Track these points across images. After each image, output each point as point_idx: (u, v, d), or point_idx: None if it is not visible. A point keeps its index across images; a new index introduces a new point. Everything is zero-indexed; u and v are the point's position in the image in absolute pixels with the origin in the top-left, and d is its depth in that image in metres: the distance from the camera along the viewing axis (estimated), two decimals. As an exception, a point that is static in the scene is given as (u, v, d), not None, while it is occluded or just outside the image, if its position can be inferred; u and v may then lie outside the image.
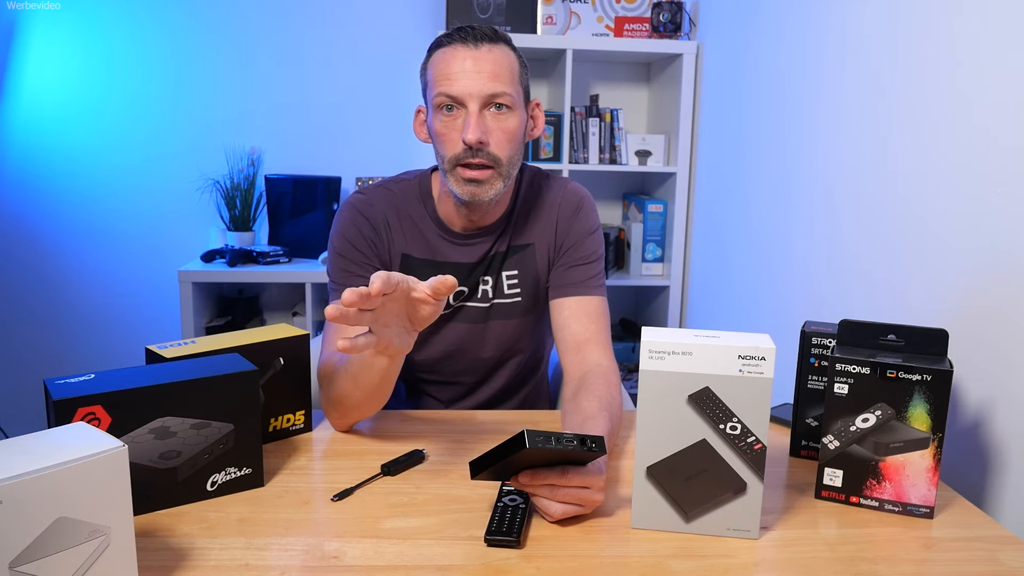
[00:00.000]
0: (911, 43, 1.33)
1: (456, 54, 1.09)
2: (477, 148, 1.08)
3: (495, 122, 1.10)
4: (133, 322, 2.77)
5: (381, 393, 1.04)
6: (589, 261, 1.23)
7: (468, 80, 1.07)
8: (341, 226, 1.21)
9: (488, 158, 1.10)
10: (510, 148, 1.12)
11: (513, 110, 1.11)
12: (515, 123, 1.12)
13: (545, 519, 0.86)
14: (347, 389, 1.03)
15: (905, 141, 1.33)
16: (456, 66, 1.08)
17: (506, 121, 1.11)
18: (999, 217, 1.08)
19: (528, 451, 0.78)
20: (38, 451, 0.62)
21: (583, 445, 0.80)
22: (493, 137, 1.10)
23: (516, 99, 1.12)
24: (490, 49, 1.09)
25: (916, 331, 0.93)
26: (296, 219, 2.66)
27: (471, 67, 1.08)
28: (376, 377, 1.00)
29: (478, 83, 1.07)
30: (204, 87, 2.67)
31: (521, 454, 0.78)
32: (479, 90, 1.08)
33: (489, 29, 1.11)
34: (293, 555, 0.79)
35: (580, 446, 0.80)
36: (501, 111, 1.10)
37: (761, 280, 1.99)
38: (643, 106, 2.92)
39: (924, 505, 0.90)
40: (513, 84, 1.11)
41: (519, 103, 1.13)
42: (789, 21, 1.84)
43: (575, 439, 0.80)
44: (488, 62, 1.08)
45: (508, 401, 1.35)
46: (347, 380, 1.02)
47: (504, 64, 1.10)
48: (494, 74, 1.08)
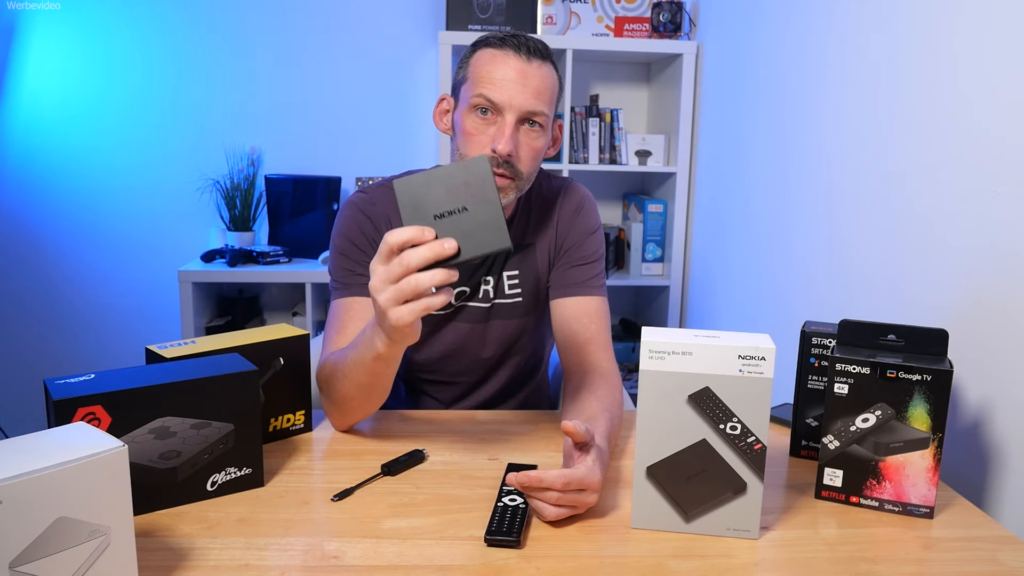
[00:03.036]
0: (911, 42, 1.33)
1: (507, 61, 1.08)
2: (504, 160, 1.08)
3: (526, 138, 1.10)
4: (133, 322, 2.77)
5: (382, 391, 1.04)
6: (590, 261, 1.23)
7: (513, 91, 1.07)
8: (343, 224, 1.21)
9: (511, 171, 1.10)
10: (532, 165, 1.13)
11: (544, 130, 1.12)
12: (543, 143, 1.13)
13: (540, 519, 0.86)
14: (349, 389, 1.03)
15: (905, 141, 1.33)
16: (503, 73, 1.08)
17: (536, 140, 1.11)
18: (999, 217, 1.08)
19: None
20: (38, 451, 0.62)
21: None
22: (521, 152, 1.10)
23: (548, 120, 1.12)
24: (540, 66, 1.09)
25: (916, 331, 0.93)
26: (296, 219, 2.66)
27: (518, 78, 1.07)
28: (377, 376, 0.99)
29: (521, 97, 1.07)
30: (204, 87, 2.67)
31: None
32: (520, 104, 1.07)
33: (542, 44, 1.11)
34: (293, 555, 0.79)
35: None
36: (534, 128, 1.10)
37: (761, 280, 1.99)
38: (643, 106, 2.92)
39: (924, 505, 0.90)
40: (551, 105, 1.12)
41: (549, 124, 1.14)
42: (789, 21, 1.84)
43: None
44: (535, 78, 1.08)
45: (508, 401, 1.35)
46: (348, 381, 1.02)
47: (548, 83, 1.10)
48: (538, 91, 1.08)
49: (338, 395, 1.05)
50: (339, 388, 1.04)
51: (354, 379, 1.01)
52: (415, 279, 0.81)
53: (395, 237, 0.81)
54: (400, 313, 0.82)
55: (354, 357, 0.99)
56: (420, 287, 0.81)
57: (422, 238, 0.81)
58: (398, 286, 0.81)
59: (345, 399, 1.05)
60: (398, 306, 0.82)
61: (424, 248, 0.80)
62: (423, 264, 0.80)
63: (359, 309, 1.16)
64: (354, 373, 1.00)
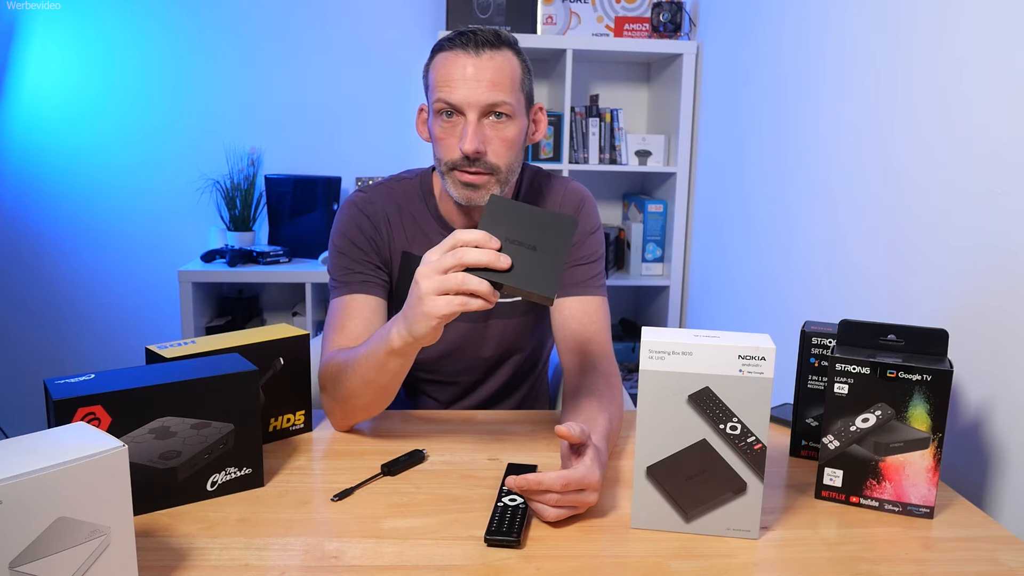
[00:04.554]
0: (911, 42, 1.33)
1: (457, 60, 1.07)
2: (475, 157, 1.08)
3: (494, 131, 1.09)
4: (133, 322, 2.77)
5: (390, 392, 1.04)
6: (590, 261, 1.23)
7: (467, 88, 1.06)
8: (342, 224, 1.21)
9: (485, 167, 1.09)
10: (509, 156, 1.11)
11: (513, 118, 1.10)
12: (514, 131, 1.11)
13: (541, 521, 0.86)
14: (356, 388, 1.03)
15: (905, 141, 1.33)
16: (456, 72, 1.07)
17: (505, 130, 1.10)
18: (999, 217, 1.08)
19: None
20: (38, 451, 0.62)
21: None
22: (491, 146, 1.09)
23: (516, 107, 1.10)
24: (492, 56, 1.07)
25: (916, 331, 0.93)
26: (296, 219, 2.66)
27: (471, 75, 1.06)
28: (388, 375, 0.99)
29: (477, 92, 1.06)
30: (204, 87, 2.67)
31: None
32: (478, 99, 1.06)
33: (492, 34, 1.09)
34: (293, 555, 0.79)
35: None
36: (500, 119, 1.09)
37: (761, 280, 1.99)
38: (643, 106, 2.92)
39: (924, 505, 0.90)
40: (514, 92, 1.09)
41: (519, 110, 1.11)
42: (789, 21, 1.84)
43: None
44: (488, 70, 1.07)
45: (507, 400, 1.35)
46: (357, 379, 1.01)
47: (505, 71, 1.08)
48: (494, 83, 1.07)
49: (344, 391, 1.05)
50: (346, 384, 1.03)
51: (363, 375, 1.00)
52: (463, 276, 0.84)
53: (463, 235, 0.85)
54: (437, 304, 0.85)
55: (367, 351, 0.99)
56: (465, 285, 0.84)
57: (487, 243, 0.84)
58: (445, 277, 0.84)
59: (351, 396, 1.04)
60: (437, 296, 0.85)
61: (481, 251, 0.84)
62: (476, 263, 0.84)
63: (358, 307, 1.16)
64: (364, 368, 1.00)
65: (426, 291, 0.85)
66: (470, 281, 0.83)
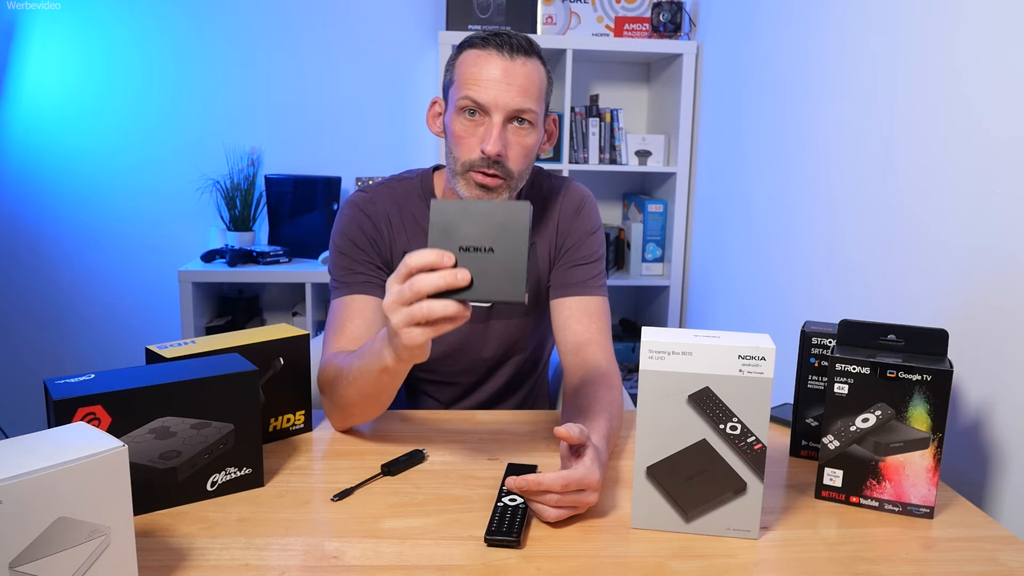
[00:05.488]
0: (911, 42, 1.33)
1: (490, 60, 1.07)
2: (494, 160, 1.08)
3: (515, 137, 1.09)
4: (133, 322, 2.77)
5: (383, 401, 1.04)
6: (590, 261, 1.23)
7: (498, 90, 1.06)
8: (343, 224, 1.21)
9: (502, 171, 1.09)
10: (524, 164, 1.12)
11: (534, 127, 1.11)
12: (534, 140, 1.11)
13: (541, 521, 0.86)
14: (352, 399, 1.03)
15: (905, 141, 1.33)
16: (487, 73, 1.07)
17: (526, 137, 1.10)
18: (999, 217, 1.08)
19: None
20: (38, 451, 0.62)
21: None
22: (511, 151, 1.09)
23: (538, 116, 1.11)
24: (524, 62, 1.08)
25: (916, 331, 0.93)
26: (296, 219, 2.66)
27: (502, 77, 1.06)
28: (383, 388, 0.99)
29: (507, 96, 1.06)
30: (204, 87, 2.67)
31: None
32: (506, 103, 1.06)
33: (525, 40, 1.09)
34: (293, 555, 0.79)
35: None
36: (523, 126, 1.09)
37: (761, 280, 1.99)
38: (643, 106, 2.92)
39: (924, 505, 0.90)
40: (539, 101, 1.10)
41: (540, 120, 1.12)
42: (789, 21, 1.84)
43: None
44: (520, 76, 1.07)
45: (507, 400, 1.35)
46: (352, 391, 1.01)
47: (534, 79, 1.09)
48: (524, 89, 1.07)
49: (341, 400, 1.05)
50: (342, 394, 1.04)
51: (358, 388, 1.00)
52: (427, 305, 0.79)
53: (414, 259, 0.80)
54: (412, 335, 0.82)
55: (360, 367, 0.98)
56: (432, 314, 0.80)
57: (440, 263, 0.79)
58: (410, 309, 0.80)
59: (348, 405, 1.05)
60: (410, 327, 0.82)
61: (436, 275, 0.79)
62: (433, 291, 0.79)
63: (358, 308, 1.16)
64: (359, 382, 0.99)
65: (397, 325, 0.82)
66: (435, 309, 0.79)
